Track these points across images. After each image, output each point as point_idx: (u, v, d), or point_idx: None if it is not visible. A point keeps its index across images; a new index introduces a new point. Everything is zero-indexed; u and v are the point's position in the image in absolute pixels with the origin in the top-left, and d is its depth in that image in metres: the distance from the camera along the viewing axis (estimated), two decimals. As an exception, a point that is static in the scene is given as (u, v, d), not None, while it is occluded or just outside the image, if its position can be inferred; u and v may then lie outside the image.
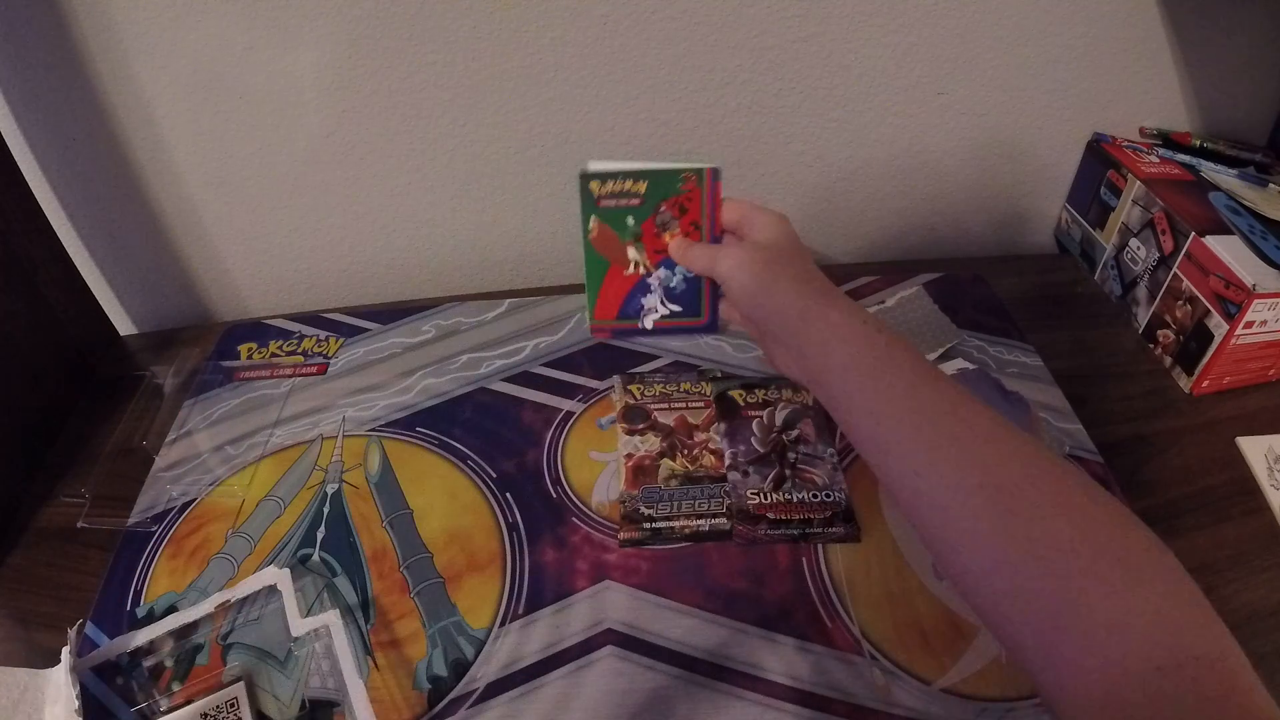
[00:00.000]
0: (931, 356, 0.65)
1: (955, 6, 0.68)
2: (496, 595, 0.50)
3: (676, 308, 0.56)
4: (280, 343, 0.69)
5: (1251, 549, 0.54)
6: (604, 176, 0.55)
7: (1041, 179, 0.81)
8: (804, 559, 0.52)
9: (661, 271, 0.56)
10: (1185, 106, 0.78)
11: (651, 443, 0.59)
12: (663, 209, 0.55)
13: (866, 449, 0.38)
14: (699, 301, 0.57)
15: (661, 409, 0.61)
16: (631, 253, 0.56)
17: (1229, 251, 0.61)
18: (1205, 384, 0.64)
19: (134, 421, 0.63)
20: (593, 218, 0.56)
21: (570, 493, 0.56)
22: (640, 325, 0.56)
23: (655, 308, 0.56)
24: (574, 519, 0.54)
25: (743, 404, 0.61)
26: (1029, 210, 0.84)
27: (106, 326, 0.72)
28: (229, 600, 0.49)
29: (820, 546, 0.53)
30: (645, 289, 0.57)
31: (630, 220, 0.56)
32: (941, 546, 0.34)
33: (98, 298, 0.70)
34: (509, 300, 0.73)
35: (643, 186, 0.56)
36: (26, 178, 0.63)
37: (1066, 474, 0.33)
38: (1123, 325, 0.72)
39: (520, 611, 0.49)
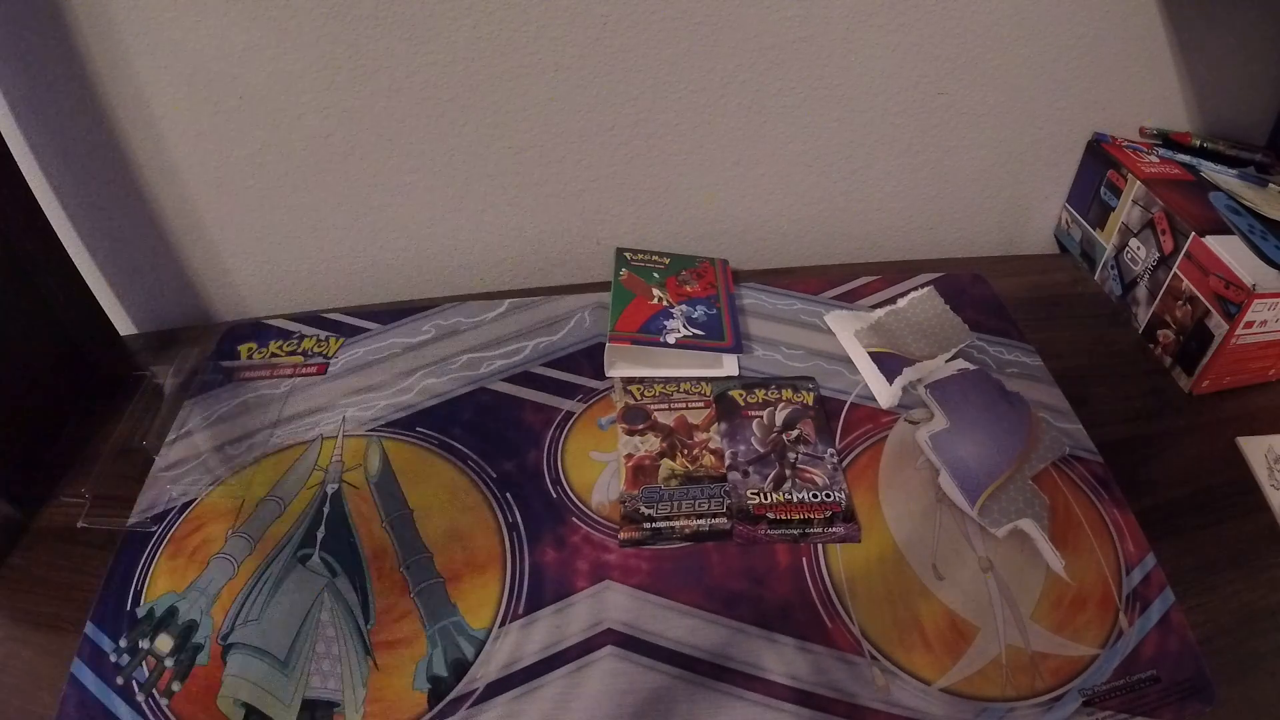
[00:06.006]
0: (944, 357, 0.65)
1: (955, 6, 0.68)
2: (496, 595, 0.50)
3: (699, 331, 0.60)
4: (280, 343, 0.69)
5: (1251, 549, 0.54)
6: (635, 250, 0.71)
7: (1041, 179, 0.81)
8: (804, 559, 0.52)
9: (684, 306, 0.63)
10: (1185, 106, 0.78)
11: (651, 443, 0.59)
12: (684, 273, 0.67)
13: None
14: (721, 329, 0.62)
15: (661, 409, 0.61)
16: (656, 291, 0.64)
17: (1229, 251, 0.61)
18: (1205, 384, 0.65)
19: (134, 421, 0.63)
20: (624, 269, 0.68)
21: (570, 493, 0.56)
22: (661, 340, 0.60)
23: (677, 329, 0.60)
24: (574, 519, 0.54)
25: (743, 404, 0.61)
26: (1029, 210, 0.84)
27: (106, 326, 0.72)
28: None
29: (820, 546, 0.53)
30: (668, 315, 0.62)
31: (656, 275, 0.68)
32: None
33: (98, 298, 0.70)
34: (509, 300, 0.73)
35: (666, 260, 0.71)
36: (26, 178, 0.63)
37: None
38: (1123, 325, 0.72)
39: (520, 611, 0.49)
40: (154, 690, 0.46)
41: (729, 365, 0.64)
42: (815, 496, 0.55)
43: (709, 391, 0.62)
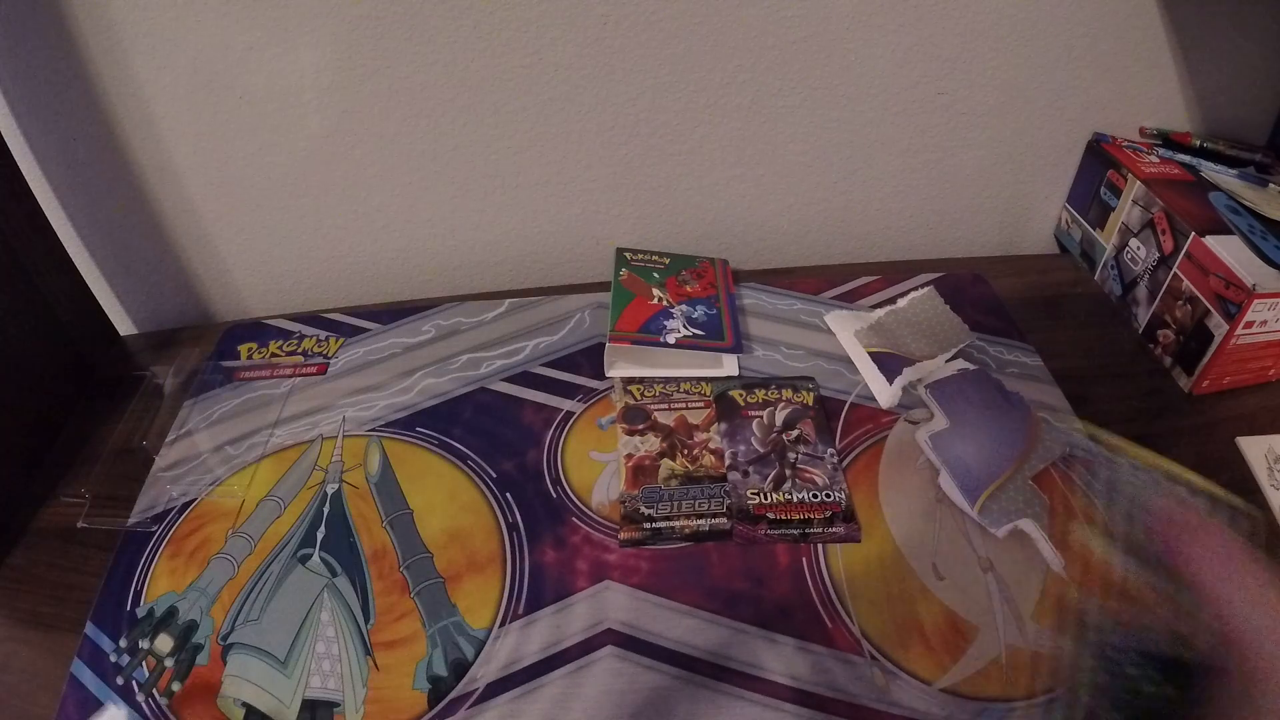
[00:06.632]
0: (944, 357, 0.65)
1: (955, 6, 0.68)
2: (496, 595, 0.50)
3: (699, 331, 0.60)
4: (280, 343, 0.69)
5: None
6: (635, 250, 0.71)
7: (1041, 179, 0.81)
8: (804, 559, 0.52)
9: (684, 306, 0.63)
10: (1185, 106, 0.78)
11: (651, 443, 0.59)
12: (684, 273, 0.68)
13: None
14: (721, 329, 0.62)
15: (661, 409, 0.61)
16: (656, 291, 0.64)
17: (1229, 251, 0.61)
18: (1205, 384, 0.64)
19: (134, 421, 0.63)
20: (624, 269, 0.68)
21: (570, 493, 0.56)
22: (662, 340, 0.60)
23: (677, 329, 0.60)
24: (574, 519, 0.54)
25: (743, 404, 0.61)
26: (1029, 210, 0.84)
27: (106, 326, 0.72)
28: None
29: (820, 546, 0.53)
30: (668, 315, 0.61)
31: (656, 275, 0.68)
32: None
33: (98, 298, 0.70)
34: (509, 300, 0.73)
35: (666, 260, 0.71)
36: (26, 178, 0.63)
37: None
38: (1123, 325, 0.72)
39: (520, 611, 0.49)
40: (154, 690, 0.46)
41: (729, 365, 0.64)
42: (815, 496, 0.55)
43: (709, 391, 0.62)
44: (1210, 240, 0.62)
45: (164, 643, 0.48)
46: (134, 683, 0.46)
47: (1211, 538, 0.25)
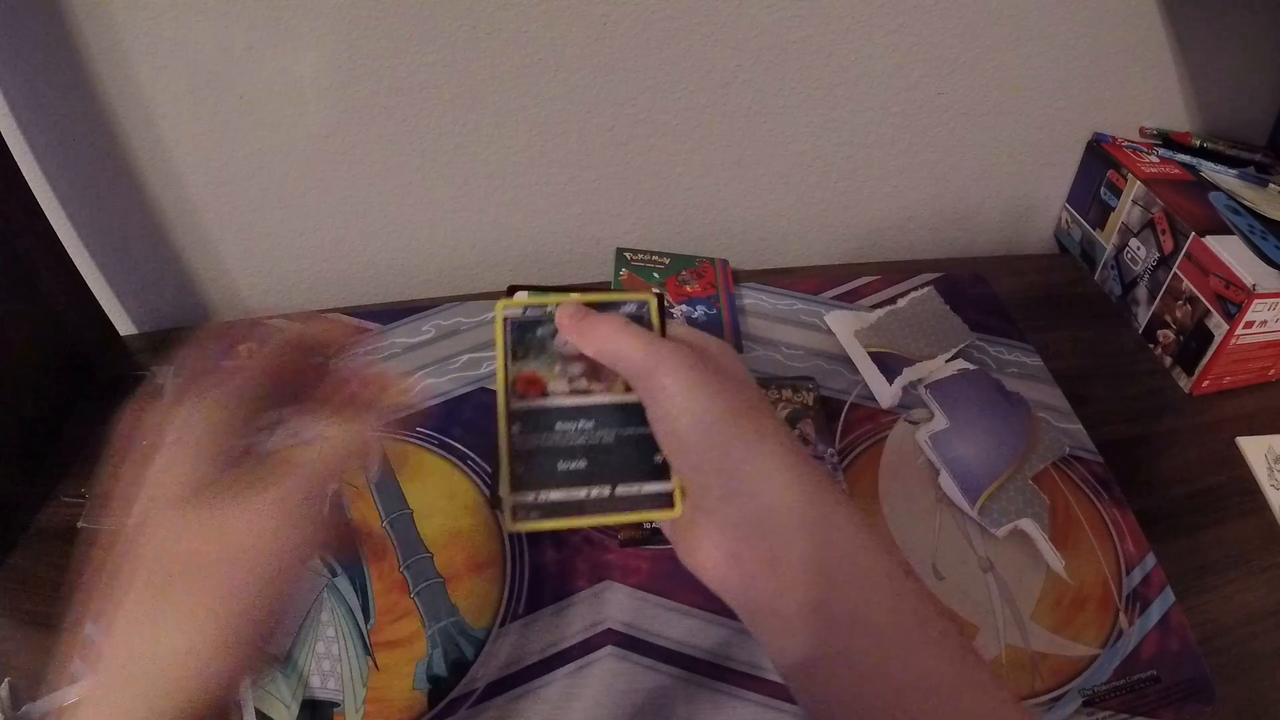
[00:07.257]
0: (944, 357, 0.65)
1: (955, 6, 0.68)
2: (496, 595, 0.50)
3: None
4: (280, 343, 0.69)
5: (1251, 549, 0.54)
6: (635, 250, 0.71)
7: (1041, 179, 0.81)
8: (804, 559, 0.52)
9: (684, 306, 0.63)
10: (1185, 106, 0.78)
11: (651, 443, 0.59)
12: (684, 273, 0.69)
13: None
14: (721, 330, 0.62)
15: (661, 409, 0.61)
16: (657, 290, 0.63)
17: (1229, 251, 0.61)
18: (1205, 384, 0.65)
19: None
20: (624, 269, 0.69)
21: (570, 493, 0.56)
22: None
23: None
24: (574, 519, 0.54)
25: (743, 404, 0.61)
26: (1029, 210, 0.84)
27: (106, 326, 0.72)
28: None
29: (820, 546, 0.53)
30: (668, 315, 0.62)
31: (656, 275, 0.69)
32: None
33: (98, 298, 0.70)
34: (509, 300, 0.72)
35: (666, 260, 0.72)
36: (26, 178, 0.63)
37: None
38: (1123, 325, 0.73)
39: (520, 611, 0.49)
40: (154, 690, 0.46)
41: None
42: (815, 496, 0.55)
43: (709, 391, 0.62)
44: (1210, 240, 0.62)
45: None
46: (134, 683, 0.46)
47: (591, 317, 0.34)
